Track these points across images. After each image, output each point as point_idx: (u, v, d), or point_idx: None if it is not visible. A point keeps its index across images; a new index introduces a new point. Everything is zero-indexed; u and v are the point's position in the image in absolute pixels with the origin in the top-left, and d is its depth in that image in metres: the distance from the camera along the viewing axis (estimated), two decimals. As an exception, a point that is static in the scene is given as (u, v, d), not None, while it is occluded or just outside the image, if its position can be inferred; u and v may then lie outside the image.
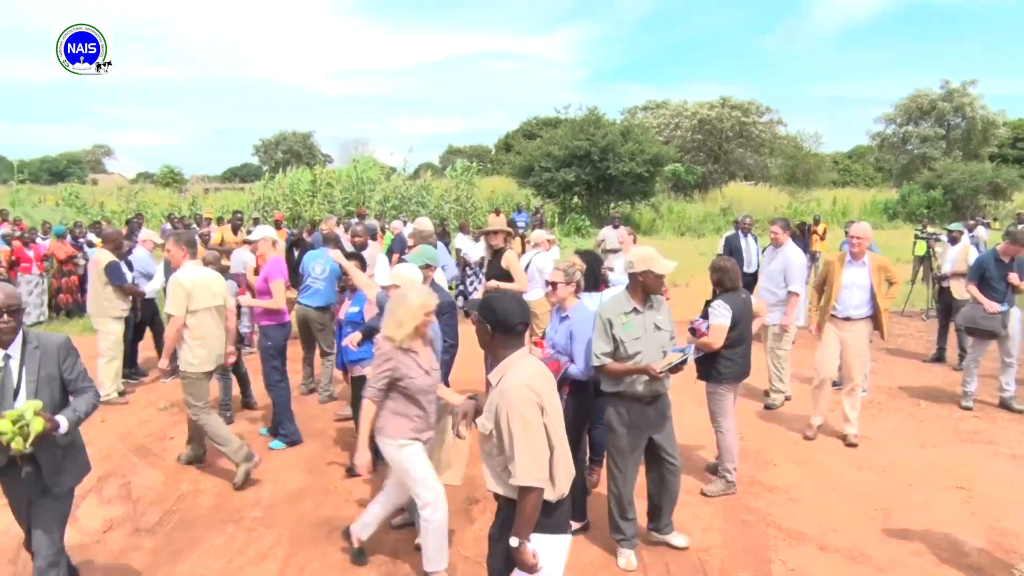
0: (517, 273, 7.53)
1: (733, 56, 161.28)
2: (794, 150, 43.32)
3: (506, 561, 3.20)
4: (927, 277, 13.77)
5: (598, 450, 6.04)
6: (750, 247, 11.13)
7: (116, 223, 22.04)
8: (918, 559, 4.95)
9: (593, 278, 5.66)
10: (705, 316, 5.85)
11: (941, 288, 10.34)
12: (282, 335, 7.20)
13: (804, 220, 13.40)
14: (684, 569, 4.88)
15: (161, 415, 8.08)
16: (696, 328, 5.86)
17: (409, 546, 5.09)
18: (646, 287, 4.74)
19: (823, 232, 18.37)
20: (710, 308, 5.83)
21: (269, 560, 5.02)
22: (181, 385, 6.32)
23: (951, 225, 10.77)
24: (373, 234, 9.77)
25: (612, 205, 31.85)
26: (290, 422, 7.12)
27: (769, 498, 5.93)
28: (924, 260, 14.00)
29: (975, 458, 6.74)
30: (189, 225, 17.68)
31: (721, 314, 5.73)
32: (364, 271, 6.39)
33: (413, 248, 7.27)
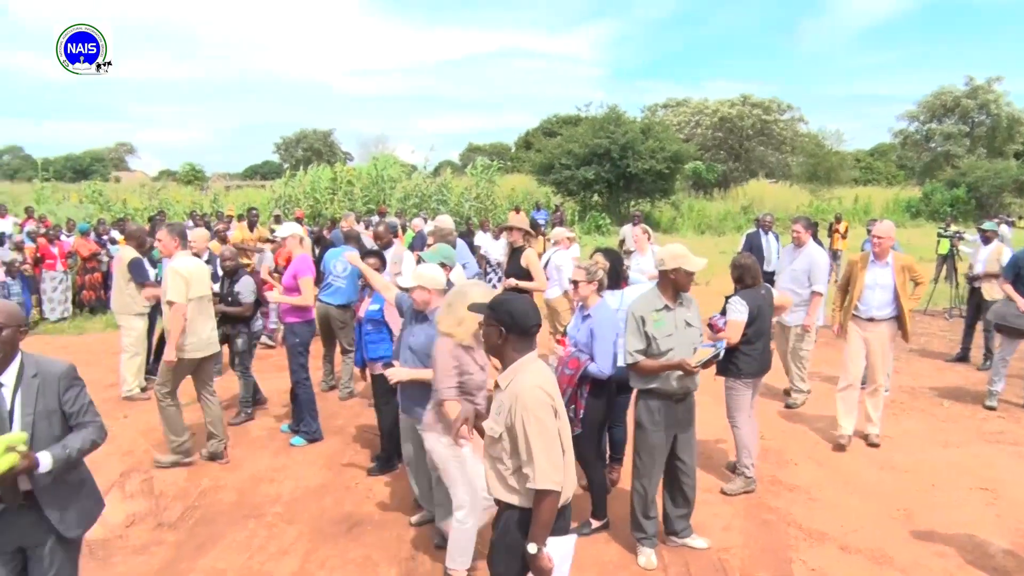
0: (536, 272, 7.53)
1: (754, 54, 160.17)
2: (815, 148, 43.03)
3: (509, 565, 3.18)
4: (950, 276, 13.63)
5: (618, 448, 6.04)
6: (771, 245, 11.05)
7: (139, 220, 22.18)
8: (941, 561, 4.91)
9: (615, 276, 5.64)
10: (724, 312, 5.85)
11: (972, 288, 10.16)
12: (309, 332, 7.24)
13: (816, 221, 13.26)
14: (704, 568, 4.86)
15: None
16: (713, 324, 5.89)
17: (428, 543, 5.11)
18: (677, 284, 4.76)
19: (845, 231, 18.24)
20: (728, 304, 5.87)
21: (290, 556, 5.04)
22: (160, 366, 6.48)
23: (985, 224, 10.49)
24: (394, 232, 9.78)
25: (632, 203, 31.76)
26: (313, 420, 7.16)
27: (790, 497, 5.90)
28: (947, 259, 13.87)
29: (999, 459, 6.67)
30: (210, 223, 17.78)
31: (738, 310, 5.76)
32: (383, 270, 6.39)
33: (431, 246, 7.28)
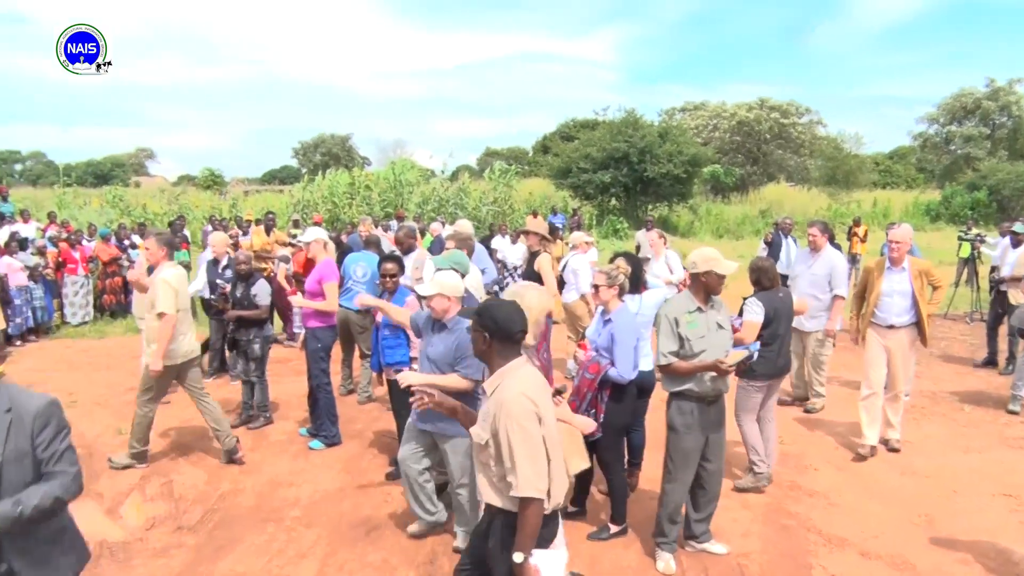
0: (547, 277, 7.50)
1: (772, 56, 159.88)
2: (834, 151, 42.76)
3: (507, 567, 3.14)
4: (971, 280, 13.52)
5: (637, 453, 6.03)
6: (790, 249, 11.00)
7: (159, 225, 22.36)
8: (964, 568, 4.87)
9: (635, 281, 5.64)
10: (741, 314, 5.88)
11: (998, 291, 10.02)
12: (331, 337, 7.28)
13: (834, 224, 13.19)
14: (723, 574, 4.84)
15: (185, 414, 8.17)
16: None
17: (447, 547, 5.11)
18: (708, 287, 4.77)
19: (864, 234, 18.09)
20: (744, 305, 5.93)
21: (308, 559, 5.06)
22: (144, 371, 6.49)
23: (1016, 226, 10.34)
24: (414, 235, 9.79)
25: (650, 207, 31.69)
26: (333, 424, 7.18)
27: (809, 503, 5.87)
28: (968, 262, 13.76)
29: (1022, 465, 6.61)
30: (228, 227, 17.88)
31: (754, 311, 5.84)
32: (401, 275, 6.39)
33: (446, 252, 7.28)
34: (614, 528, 5.28)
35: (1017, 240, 9.99)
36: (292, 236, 13.01)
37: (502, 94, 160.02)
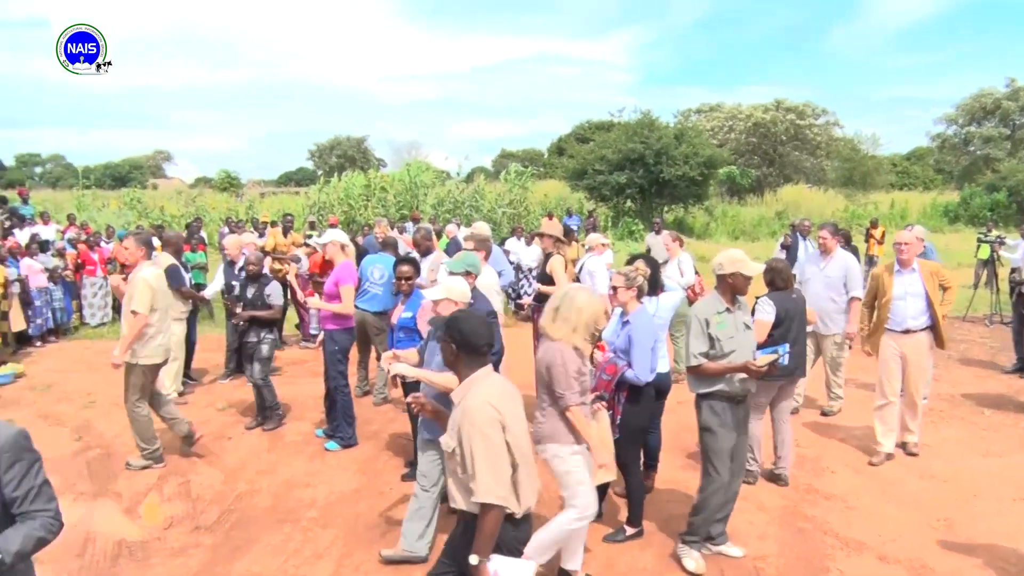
0: (559, 280, 7.47)
1: (788, 58, 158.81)
2: (851, 152, 42.55)
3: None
4: (991, 282, 13.41)
5: (653, 455, 6.02)
6: (807, 251, 10.93)
7: (176, 227, 22.50)
8: (983, 573, 4.82)
9: (653, 282, 5.63)
10: (753, 313, 5.89)
11: (1019, 294, 9.93)
12: (348, 339, 7.31)
13: (850, 226, 13.13)
14: (740, 577, 4.83)
15: (219, 415, 8.23)
16: None
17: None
18: (735, 288, 4.81)
19: (881, 236, 17.96)
20: (756, 304, 5.98)
21: (324, 560, 5.08)
22: (127, 373, 6.55)
23: None
24: (430, 238, 9.80)
25: (665, 208, 31.62)
26: (349, 426, 7.20)
27: (826, 506, 5.84)
28: (988, 264, 13.64)
29: (1042, 469, 6.54)
30: (245, 228, 17.96)
31: (765, 310, 5.91)
32: (416, 277, 6.40)
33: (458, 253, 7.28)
34: (630, 530, 5.27)
35: None
36: (307, 237, 13.06)
37: (517, 96, 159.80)
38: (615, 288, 5.23)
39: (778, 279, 6.06)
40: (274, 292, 7.60)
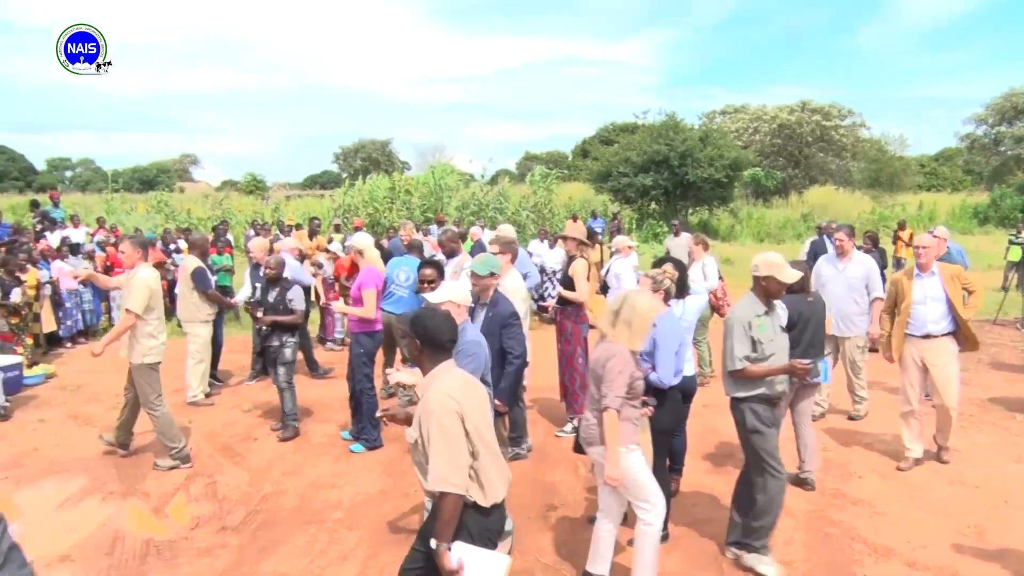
0: (580, 283, 7.43)
1: (814, 58, 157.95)
2: (878, 154, 42.15)
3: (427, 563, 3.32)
4: (1022, 283, 13.24)
5: (678, 458, 5.99)
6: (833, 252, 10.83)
7: (203, 230, 22.71)
8: (1014, 579, 4.75)
9: (680, 286, 5.60)
10: None
11: None
12: (374, 343, 7.33)
13: (873, 230, 12.99)
14: (766, 582, 4.79)
15: (245, 417, 8.30)
16: None
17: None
18: (768, 292, 4.80)
19: (909, 238, 17.77)
20: None
21: (350, 561, 5.10)
22: (136, 376, 6.78)
23: None
24: (457, 240, 9.80)
25: (690, 210, 31.51)
26: (375, 428, 7.22)
27: (854, 511, 5.78)
28: (1019, 266, 13.47)
29: (1076, 475, 6.44)
30: (271, 231, 18.09)
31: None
32: (440, 280, 6.39)
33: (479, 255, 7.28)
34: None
35: None
36: (330, 241, 13.14)
37: (541, 98, 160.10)
38: None
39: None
40: (296, 296, 7.59)
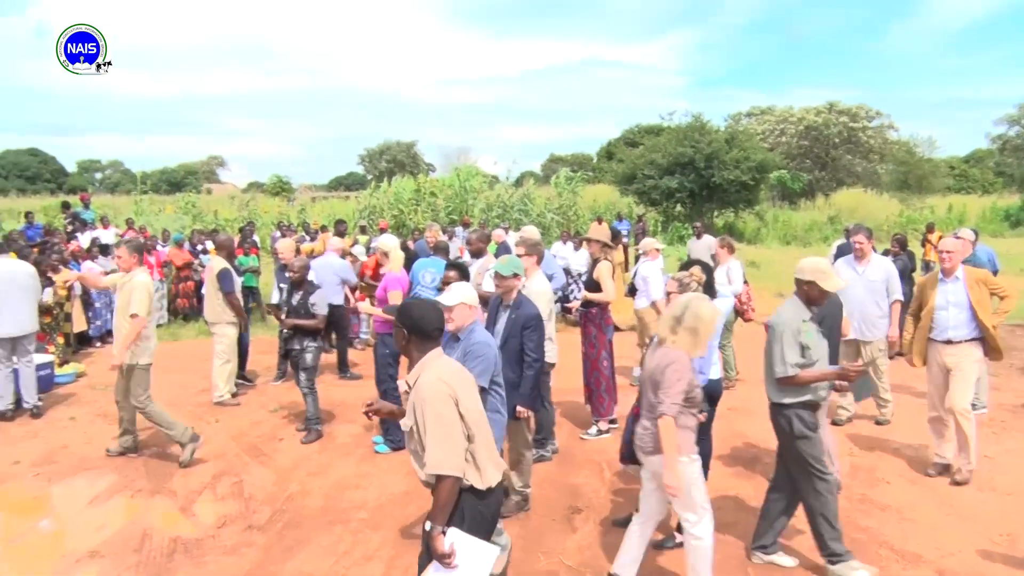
0: (605, 285, 7.42)
1: (841, 59, 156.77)
2: (906, 155, 41.71)
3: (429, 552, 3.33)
4: (1055, 288, 13.03)
5: (703, 462, 5.92)
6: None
7: (230, 231, 22.91)
8: (1046, 588, 4.68)
9: (708, 289, 5.58)
10: None
11: None
12: None
13: (901, 233, 12.84)
14: (792, 588, 4.75)
15: (272, 417, 8.35)
16: (766, 326, 5.90)
17: (513, 549, 5.11)
18: (809, 297, 4.75)
19: (937, 241, 17.57)
20: None
21: (374, 562, 5.12)
22: (130, 376, 6.79)
23: None
24: (485, 241, 9.81)
25: (715, 213, 31.35)
26: (399, 428, 7.22)
27: (881, 517, 5.72)
28: (1051, 271, 13.27)
29: (1110, 483, 6.32)
30: (296, 232, 18.23)
31: None
32: (467, 280, 6.41)
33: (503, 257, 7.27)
34: (680, 537, 5.22)
35: None
36: (354, 243, 13.19)
37: (567, 100, 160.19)
38: (668, 293, 5.21)
39: None
40: (319, 301, 7.60)
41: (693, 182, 29.81)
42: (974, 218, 33.71)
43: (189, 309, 13.93)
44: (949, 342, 6.32)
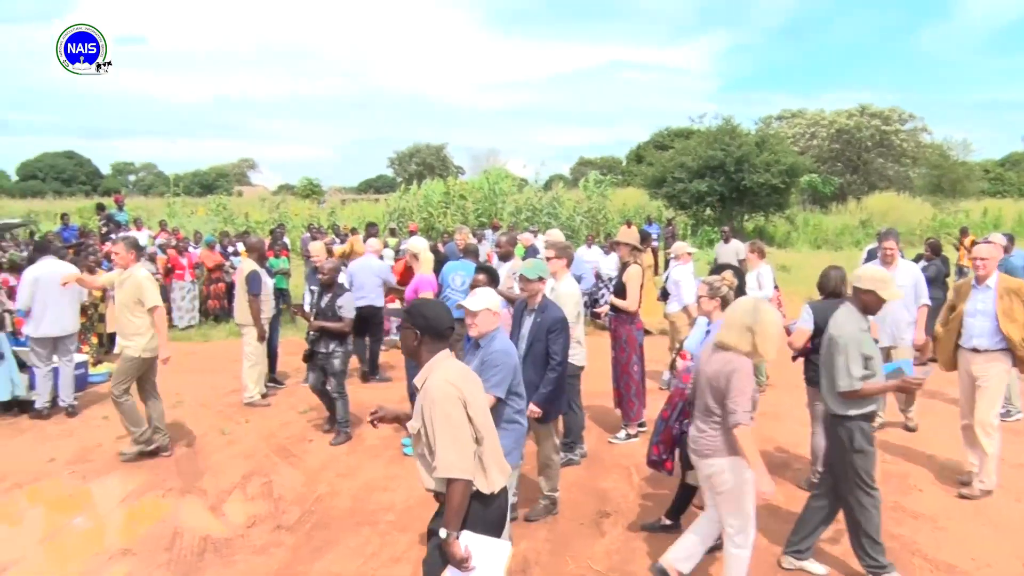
0: (631, 289, 7.36)
1: (874, 62, 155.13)
2: (940, 159, 41.17)
3: (441, 557, 3.26)
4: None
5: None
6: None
7: (260, 233, 23.10)
8: (1084, 600, 4.59)
9: (739, 293, 5.55)
10: None
11: None
12: None
13: (935, 237, 12.65)
14: (823, 595, 4.70)
15: (301, 418, 8.40)
16: (788, 329, 6.00)
17: (540, 553, 5.11)
18: (865, 305, 4.69)
19: (971, 245, 17.30)
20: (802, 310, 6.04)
21: (402, 563, 5.13)
22: (124, 363, 6.92)
23: None
24: (514, 244, 9.82)
25: (745, 217, 31.14)
26: None
27: (914, 525, 5.64)
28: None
29: None
30: (326, 235, 18.34)
31: (803, 318, 5.93)
32: (496, 285, 6.39)
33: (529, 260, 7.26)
34: (665, 520, 5.24)
35: None
36: (384, 246, 13.24)
37: (596, 103, 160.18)
38: (699, 297, 5.18)
39: (827, 286, 6.01)
40: (346, 304, 7.62)
41: (723, 185, 29.65)
42: (1010, 222, 33.16)
43: (220, 310, 14.07)
44: (976, 351, 6.21)
